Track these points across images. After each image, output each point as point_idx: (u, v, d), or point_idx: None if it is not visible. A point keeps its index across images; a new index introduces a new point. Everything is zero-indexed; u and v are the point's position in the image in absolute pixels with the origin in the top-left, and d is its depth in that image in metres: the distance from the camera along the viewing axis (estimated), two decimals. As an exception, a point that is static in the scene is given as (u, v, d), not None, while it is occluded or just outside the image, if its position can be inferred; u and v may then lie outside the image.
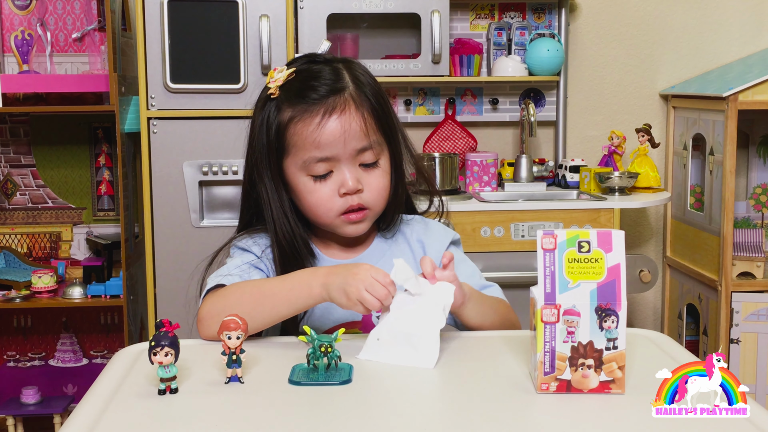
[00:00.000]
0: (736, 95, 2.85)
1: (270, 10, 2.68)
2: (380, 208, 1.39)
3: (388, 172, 1.39)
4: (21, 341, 3.22)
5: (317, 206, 1.35)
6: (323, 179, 1.34)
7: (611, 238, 1.03)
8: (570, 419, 0.98)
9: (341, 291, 1.19)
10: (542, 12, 3.29)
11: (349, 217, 1.36)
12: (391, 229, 1.46)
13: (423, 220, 1.51)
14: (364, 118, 1.33)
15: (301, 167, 1.34)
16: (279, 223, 1.37)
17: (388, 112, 1.39)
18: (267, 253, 1.39)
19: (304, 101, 1.33)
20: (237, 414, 0.99)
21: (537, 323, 1.04)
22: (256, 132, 1.39)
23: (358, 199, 1.35)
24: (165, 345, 1.03)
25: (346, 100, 1.33)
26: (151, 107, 2.68)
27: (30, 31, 3.05)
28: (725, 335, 2.94)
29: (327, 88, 1.33)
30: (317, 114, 1.32)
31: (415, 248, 1.46)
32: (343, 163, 1.33)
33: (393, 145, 1.40)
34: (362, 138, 1.33)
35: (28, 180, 3.16)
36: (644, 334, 1.30)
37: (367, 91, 1.36)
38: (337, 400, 1.03)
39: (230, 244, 1.45)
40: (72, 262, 3.19)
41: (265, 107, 1.37)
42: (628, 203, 2.92)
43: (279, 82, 1.35)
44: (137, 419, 0.98)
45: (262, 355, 1.19)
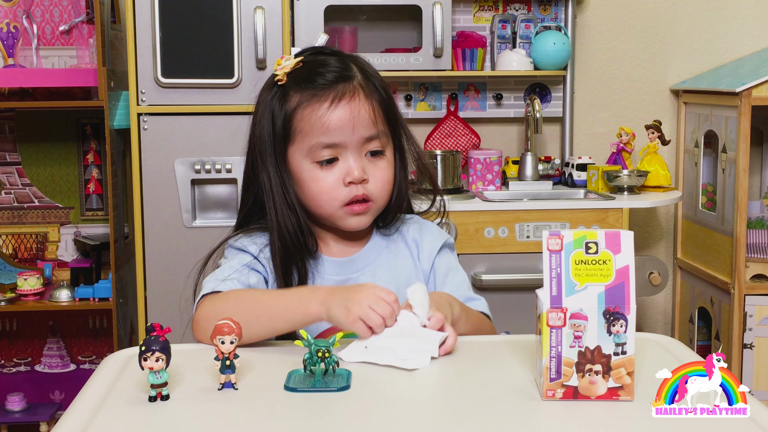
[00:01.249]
0: (749, 90, 2.84)
1: (265, 2, 2.67)
2: (383, 202, 1.41)
3: (393, 164, 1.41)
4: (6, 346, 3.21)
5: (321, 195, 1.36)
6: (329, 167, 1.36)
7: (620, 239, 1.03)
8: (577, 427, 0.98)
9: (343, 307, 1.19)
10: (548, 4, 3.29)
11: (353, 208, 1.37)
12: (390, 227, 1.47)
13: (419, 220, 1.53)
14: (372, 107, 1.36)
15: (307, 154, 1.36)
16: (282, 213, 1.38)
17: (393, 106, 1.42)
18: (265, 252, 1.40)
19: (313, 86, 1.35)
20: (231, 422, 0.99)
21: (543, 327, 1.03)
22: (259, 120, 1.40)
23: (363, 189, 1.36)
24: (156, 350, 1.03)
25: (355, 88, 1.36)
26: (141, 102, 2.67)
27: (15, 23, 3.04)
28: (738, 340, 2.93)
29: (336, 75, 1.36)
30: (326, 99, 1.34)
31: (411, 247, 1.48)
32: (350, 151, 1.35)
33: (398, 139, 1.43)
34: (370, 126, 1.35)
35: (14, 178, 3.16)
36: (654, 339, 1.30)
37: (375, 82, 1.39)
38: (334, 407, 1.03)
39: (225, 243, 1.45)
40: (59, 263, 3.19)
41: (271, 94, 1.39)
42: (637, 203, 2.91)
43: (287, 69, 1.37)
44: (127, 427, 0.99)
45: (256, 360, 1.18)
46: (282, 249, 1.37)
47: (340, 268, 1.42)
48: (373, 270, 1.43)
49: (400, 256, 1.46)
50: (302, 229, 1.38)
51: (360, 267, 1.43)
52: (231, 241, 1.43)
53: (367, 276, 1.42)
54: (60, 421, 1.00)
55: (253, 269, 1.38)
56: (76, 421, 0.99)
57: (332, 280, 1.41)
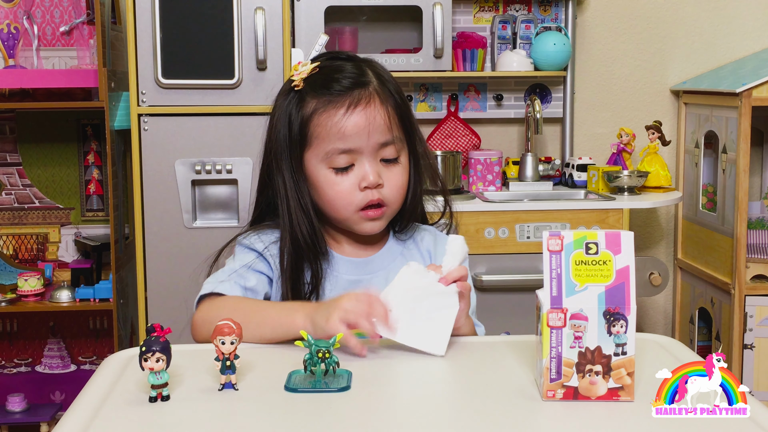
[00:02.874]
0: (749, 91, 2.84)
1: (265, 3, 2.67)
2: (397, 206, 1.43)
3: (408, 169, 1.43)
4: (7, 347, 3.22)
5: (336, 200, 1.38)
6: (344, 173, 1.38)
7: (620, 240, 1.03)
8: (577, 428, 0.98)
9: (324, 315, 1.21)
10: (549, 4, 3.29)
11: (368, 213, 1.39)
12: (405, 232, 1.49)
13: (434, 231, 1.54)
14: (388, 113, 1.38)
15: (323, 159, 1.37)
16: (296, 217, 1.40)
17: (408, 111, 1.44)
18: (270, 249, 1.42)
19: (330, 92, 1.37)
20: (231, 422, 1.00)
21: (543, 328, 1.04)
22: (276, 124, 1.42)
23: (378, 194, 1.38)
24: (156, 350, 1.03)
25: (371, 94, 1.37)
26: (141, 103, 2.67)
27: (16, 24, 3.04)
28: (738, 340, 2.93)
29: (352, 81, 1.38)
30: (342, 105, 1.35)
31: (425, 257, 1.50)
32: (365, 156, 1.37)
33: (412, 144, 1.45)
34: (386, 132, 1.37)
35: (14, 179, 3.16)
36: (654, 339, 1.30)
37: (391, 88, 1.41)
38: (335, 407, 1.03)
39: (235, 240, 1.47)
40: (60, 264, 3.19)
41: (288, 99, 1.41)
42: (637, 203, 2.92)
43: (303, 75, 1.39)
44: (127, 428, 0.99)
45: (257, 360, 1.19)
46: (294, 251, 1.39)
47: (354, 269, 1.44)
48: (386, 274, 1.43)
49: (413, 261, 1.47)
50: (315, 233, 1.40)
51: (374, 269, 1.45)
52: (240, 238, 1.45)
53: (380, 279, 1.43)
54: (60, 421, 1.00)
55: (255, 270, 1.40)
56: (76, 422, 0.99)
57: (346, 280, 1.43)
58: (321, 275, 1.41)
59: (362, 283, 1.43)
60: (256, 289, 1.39)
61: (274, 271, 1.41)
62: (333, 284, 1.42)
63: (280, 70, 2.67)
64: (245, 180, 2.68)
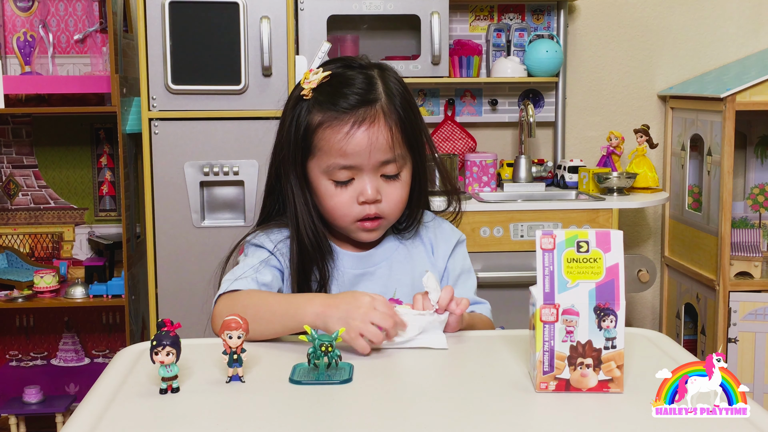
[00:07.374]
0: (733, 96, 2.85)
1: (270, 12, 2.68)
2: (395, 218, 1.42)
3: (408, 184, 1.41)
4: (23, 341, 3.22)
5: (335, 210, 1.38)
6: (344, 185, 1.37)
7: (610, 238, 1.04)
8: (569, 418, 0.98)
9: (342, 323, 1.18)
10: (541, 13, 3.30)
11: (364, 224, 1.39)
12: (407, 231, 1.48)
13: (435, 219, 1.54)
14: (391, 132, 1.35)
15: (324, 171, 1.37)
16: (302, 219, 1.40)
17: (415, 121, 1.40)
18: (279, 247, 1.41)
19: (335, 109, 1.34)
20: (238, 413, 0.99)
21: (536, 323, 1.04)
22: (285, 129, 1.41)
23: (376, 208, 1.38)
24: (166, 344, 1.03)
25: (376, 113, 1.35)
26: (152, 108, 2.68)
27: (32, 32, 3.05)
28: (723, 335, 2.94)
29: (358, 98, 1.34)
30: (346, 123, 1.33)
31: (427, 245, 1.49)
32: (366, 172, 1.36)
33: (417, 155, 1.42)
34: (387, 151, 1.35)
35: (31, 180, 3.17)
36: (643, 334, 1.30)
37: (398, 102, 1.37)
38: (337, 399, 1.03)
39: (245, 240, 1.46)
40: (74, 262, 3.19)
41: (297, 106, 1.39)
42: (626, 203, 2.93)
43: (313, 85, 1.37)
44: (139, 418, 0.99)
45: (263, 354, 1.19)
46: (301, 253, 1.39)
47: (358, 262, 1.44)
48: (389, 264, 1.45)
49: (415, 252, 1.48)
50: (319, 235, 1.40)
51: (377, 261, 1.45)
52: (249, 238, 1.45)
53: (384, 269, 1.44)
54: (75, 412, 1.00)
55: (270, 265, 1.40)
56: (90, 413, 0.99)
57: (351, 274, 1.43)
58: (328, 276, 1.40)
59: (367, 275, 1.43)
60: (271, 284, 1.38)
61: (285, 268, 1.41)
62: (339, 279, 1.42)
63: (284, 76, 2.68)
64: (251, 181, 2.69)
